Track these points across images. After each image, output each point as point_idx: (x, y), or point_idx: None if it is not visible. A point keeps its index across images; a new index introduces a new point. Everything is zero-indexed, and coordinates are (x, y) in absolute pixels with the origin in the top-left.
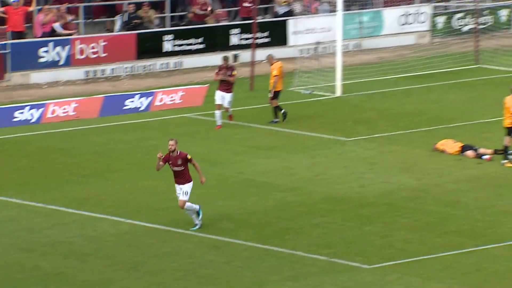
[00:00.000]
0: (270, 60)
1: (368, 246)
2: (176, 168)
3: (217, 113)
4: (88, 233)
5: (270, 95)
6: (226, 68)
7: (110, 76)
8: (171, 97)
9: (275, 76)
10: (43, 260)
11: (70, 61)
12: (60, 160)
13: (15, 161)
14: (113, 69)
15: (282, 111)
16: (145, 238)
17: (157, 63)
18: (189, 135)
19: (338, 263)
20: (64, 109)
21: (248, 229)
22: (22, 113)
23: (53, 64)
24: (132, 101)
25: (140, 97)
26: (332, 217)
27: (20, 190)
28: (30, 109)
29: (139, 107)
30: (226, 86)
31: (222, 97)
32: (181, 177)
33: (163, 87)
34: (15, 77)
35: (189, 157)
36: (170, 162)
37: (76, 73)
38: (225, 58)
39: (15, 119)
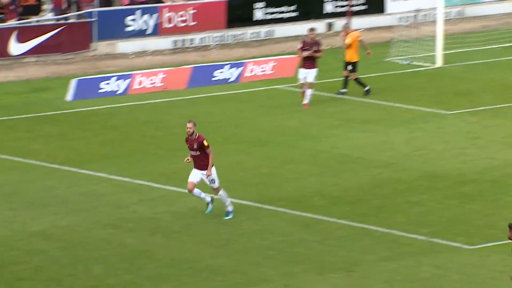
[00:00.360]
0: (346, 30)
1: (470, 226)
2: (192, 153)
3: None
4: (176, 209)
5: (350, 67)
6: (311, 43)
7: (199, 46)
8: (262, 67)
9: (347, 45)
10: (130, 237)
11: (157, 30)
12: (147, 133)
13: (101, 134)
14: (202, 38)
15: (366, 88)
16: (235, 215)
17: (248, 32)
18: (280, 108)
19: (438, 243)
20: (152, 80)
21: (342, 207)
22: (108, 84)
23: (140, 33)
24: (222, 72)
25: (230, 67)
26: (431, 195)
27: (106, 164)
28: (117, 80)
29: (229, 78)
30: (310, 62)
31: (306, 75)
32: (199, 162)
33: (253, 57)
34: (101, 47)
35: (205, 143)
36: (188, 146)
37: (164, 42)
38: (312, 30)
39: (101, 90)
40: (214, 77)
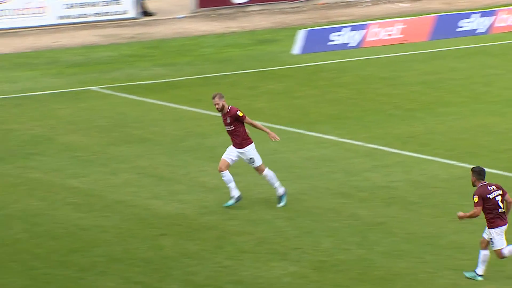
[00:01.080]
0: None
1: None
2: (226, 128)
3: None
4: (414, 177)
5: None
6: None
7: None
8: None
9: None
10: (362, 208)
11: None
12: (382, 91)
13: (331, 91)
14: None
15: None
16: None
17: None
18: None
19: None
20: (388, 31)
21: None
22: (339, 35)
23: None
24: (469, 22)
25: (480, 16)
26: None
27: (337, 125)
28: (349, 31)
29: (477, 29)
30: None
31: None
32: (235, 138)
33: (508, 5)
34: None
35: (239, 113)
36: (223, 120)
37: None
38: None
39: (331, 43)
40: (460, 27)
